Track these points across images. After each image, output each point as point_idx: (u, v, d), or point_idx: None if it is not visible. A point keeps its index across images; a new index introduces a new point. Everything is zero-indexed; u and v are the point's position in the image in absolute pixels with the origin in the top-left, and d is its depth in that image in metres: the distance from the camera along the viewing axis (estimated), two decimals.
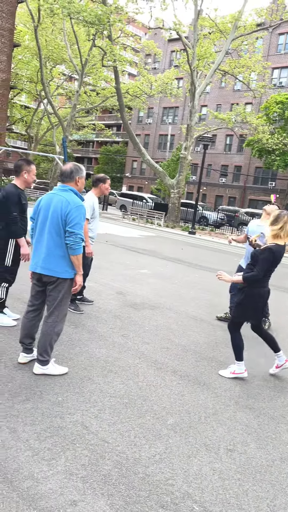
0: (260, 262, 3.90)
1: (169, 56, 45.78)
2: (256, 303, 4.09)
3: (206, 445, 2.94)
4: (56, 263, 3.45)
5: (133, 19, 22.95)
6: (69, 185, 3.56)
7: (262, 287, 4.07)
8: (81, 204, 3.47)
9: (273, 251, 3.88)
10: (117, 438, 2.85)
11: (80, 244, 3.43)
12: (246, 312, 4.14)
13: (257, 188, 39.55)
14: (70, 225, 3.38)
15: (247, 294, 4.04)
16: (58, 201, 3.44)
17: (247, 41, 24.29)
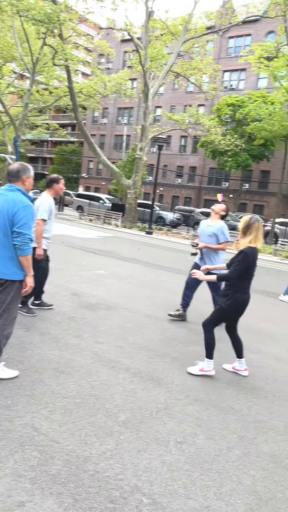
0: (235, 264, 4.07)
1: (122, 57, 45.85)
2: (238, 309, 4.21)
3: (156, 439, 3.01)
4: (4, 265, 3.39)
5: (85, 18, 22.82)
6: (16, 184, 3.50)
7: (245, 293, 4.18)
8: (29, 204, 3.43)
9: (247, 254, 4.02)
10: (68, 437, 2.85)
11: (28, 244, 3.39)
12: (227, 315, 4.27)
13: (211, 188, 40.43)
14: (18, 226, 3.34)
15: (233, 300, 4.14)
16: (4, 201, 3.38)
17: (198, 43, 24.78)
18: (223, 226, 5.75)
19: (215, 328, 4.29)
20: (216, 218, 5.85)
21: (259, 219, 4.17)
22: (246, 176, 36.93)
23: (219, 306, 4.28)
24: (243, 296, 4.16)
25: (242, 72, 37.83)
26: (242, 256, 4.03)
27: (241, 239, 4.14)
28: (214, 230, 5.70)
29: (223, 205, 5.87)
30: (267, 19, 25.54)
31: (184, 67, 24.50)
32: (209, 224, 5.85)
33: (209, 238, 5.72)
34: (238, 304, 4.17)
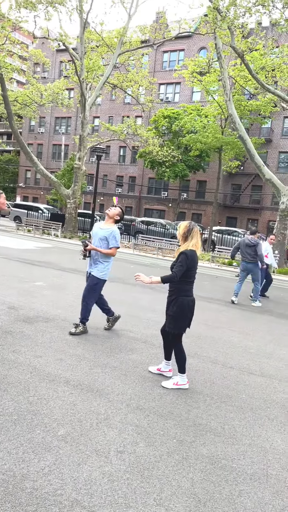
0: (177, 265, 4.15)
1: (58, 66, 45.57)
2: (184, 313, 4.24)
3: (96, 450, 2.98)
4: None
5: (19, 26, 22.41)
6: None
7: (188, 295, 4.26)
8: None
9: (186, 254, 4.14)
10: (4, 456, 2.75)
11: None
12: (180, 322, 4.27)
13: (151, 197, 41.13)
14: None
15: (177, 305, 4.20)
16: None
17: (134, 56, 25.28)
18: (115, 231, 5.60)
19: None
20: (110, 222, 5.70)
21: (196, 224, 4.36)
22: (184, 186, 38.03)
23: (169, 316, 4.30)
24: (187, 299, 4.25)
25: (177, 85, 39.08)
26: (183, 257, 4.14)
27: (182, 244, 4.28)
28: (106, 234, 5.56)
29: (118, 209, 5.72)
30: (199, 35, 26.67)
31: (121, 78, 24.85)
32: (101, 227, 5.67)
33: (100, 242, 5.57)
34: (184, 307, 4.23)
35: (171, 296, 4.30)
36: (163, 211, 40.27)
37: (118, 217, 5.68)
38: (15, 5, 18.68)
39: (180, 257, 4.17)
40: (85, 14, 20.80)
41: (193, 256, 4.19)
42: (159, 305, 8.21)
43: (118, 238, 5.59)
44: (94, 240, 5.65)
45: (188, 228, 4.25)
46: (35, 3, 18.29)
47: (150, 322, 6.83)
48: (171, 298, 4.29)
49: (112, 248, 5.57)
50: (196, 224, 4.37)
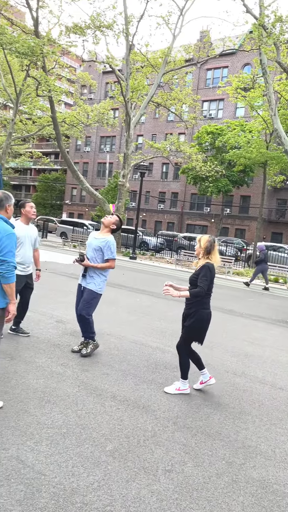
0: (201, 278, 4.20)
1: (104, 87, 47.02)
2: (203, 325, 4.33)
3: (144, 468, 2.97)
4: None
5: (67, 51, 23.44)
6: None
7: (207, 308, 4.33)
8: (12, 232, 3.45)
9: (209, 268, 4.23)
10: (54, 469, 2.80)
11: (13, 272, 3.40)
12: (195, 333, 4.36)
13: (193, 213, 41.05)
14: (2, 254, 3.35)
15: (197, 318, 4.27)
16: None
17: (178, 75, 25.64)
18: (111, 241, 5.14)
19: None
20: (105, 231, 5.25)
21: (215, 238, 4.47)
22: (227, 201, 37.69)
23: (185, 327, 4.38)
24: (206, 312, 4.32)
25: (220, 102, 39.15)
26: (206, 271, 4.22)
27: (203, 258, 4.34)
28: (101, 244, 5.10)
29: (115, 217, 5.29)
30: (243, 52, 26.71)
31: (165, 97, 25.24)
32: (96, 237, 5.23)
33: (94, 252, 5.12)
34: (202, 320, 4.31)
35: (190, 308, 4.35)
36: (206, 226, 40.02)
37: (114, 226, 5.26)
38: (65, 30, 19.58)
39: (203, 271, 4.23)
40: (131, 36, 21.42)
41: (214, 269, 4.29)
42: None
43: (113, 249, 5.14)
44: (88, 250, 5.21)
45: (210, 242, 4.34)
46: (84, 28, 19.09)
47: None
48: (191, 311, 4.34)
49: (109, 260, 5.12)
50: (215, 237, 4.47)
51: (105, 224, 5.23)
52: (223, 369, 5.41)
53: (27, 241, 5.48)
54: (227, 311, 9.67)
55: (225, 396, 4.51)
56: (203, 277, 4.19)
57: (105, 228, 5.26)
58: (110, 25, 19.49)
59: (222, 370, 5.38)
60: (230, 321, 8.62)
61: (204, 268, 4.23)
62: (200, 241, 4.40)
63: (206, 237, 4.40)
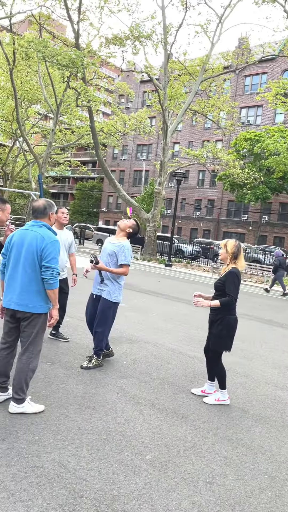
0: (229, 285, 4.14)
1: (141, 96, 47.54)
2: (232, 332, 4.27)
3: (185, 478, 2.93)
4: (30, 299, 3.46)
5: (106, 62, 23.91)
6: (42, 220, 3.63)
7: (234, 314, 4.28)
8: (56, 239, 3.54)
9: (236, 274, 4.18)
10: (95, 475, 2.81)
11: (56, 278, 3.47)
12: (226, 341, 4.29)
13: (230, 220, 40.56)
14: (47, 260, 3.43)
15: (224, 324, 4.21)
16: (33, 237, 3.48)
17: (215, 82, 25.57)
18: (126, 245, 4.78)
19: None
20: (121, 235, 4.90)
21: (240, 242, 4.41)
22: (266, 208, 37.00)
23: (214, 335, 4.29)
24: (233, 318, 4.26)
25: (259, 108, 38.65)
26: (234, 277, 4.16)
27: (231, 263, 4.27)
28: (115, 249, 4.75)
29: (131, 220, 4.93)
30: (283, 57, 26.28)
31: (202, 104, 25.20)
32: (111, 241, 4.90)
33: (108, 257, 4.79)
34: (230, 327, 4.23)
35: (217, 314, 4.27)
36: (243, 234, 39.41)
37: (130, 230, 4.87)
38: (105, 42, 20.01)
39: (230, 277, 4.16)
40: (169, 46, 21.59)
41: (240, 275, 4.24)
42: (244, 332, 7.98)
43: (128, 254, 4.75)
44: (102, 255, 4.89)
45: (237, 247, 4.27)
46: (123, 39, 19.44)
47: (234, 350, 6.62)
48: (217, 317, 4.26)
49: (123, 266, 4.75)
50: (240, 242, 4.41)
51: (121, 228, 4.86)
52: (264, 381, 5.28)
53: (61, 246, 5.58)
54: (265, 321, 9.45)
55: (266, 408, 4.40)
56: (231, 285, 4.13)
57: (121, 232, 4.88)
58: (149, 35, 19.75)
59: (262, 381, 5.25)
60: (269, 331, 8.41)
61: (231, 274, 4.16)
62: (227, 246, 4.30)
63: (233, 242, 4.31)
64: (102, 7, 20.88)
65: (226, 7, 20.94)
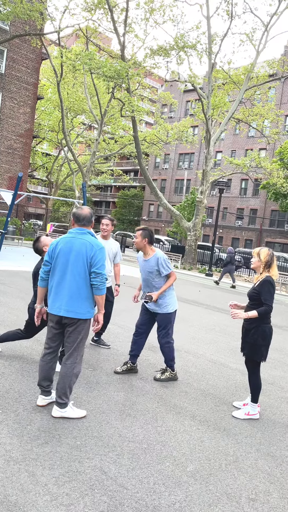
0: (265, 295, 4.05)
1: (184, 106, 47.69)
2: (266, 340, 4.15)
3: (227, 493, 2.86)
4: (79, 305, 3.52)
5: (151, 72, 24.22)
6: (87, 228, 3.70)
7: (268, 323, 4.18)
8: (102, 247, 3.60)
9: (271, 282, 4.09)
10: (136, 484, 2.80)
11: (105, 284, 3.54)
12: (261, 350, 4.16)
13: (273, 230, 39.65)
14: (97, 267, 3.49)
15: (260, 333, 4.11)
16: (81, 244, 3.54)
17: (260, 90, 25.24)
18: (160, 255, 4.70)
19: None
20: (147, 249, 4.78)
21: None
22: None
23: (250, 345, 4.16)
24: (268, 326, 4.15)
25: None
26: (269, 286, 4.07)
27: (264, 272, 4.16)
28: (152, 263, 4.69)
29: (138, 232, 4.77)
30: None
31: (246, 113, 24.93)
32: (145, 258, 4.81)
33: (148, 275, 4.77)
34: (266, 335, 4.11)
35: (252, 323, 4.13)
36: (286, 244, 38.39)
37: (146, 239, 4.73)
38: (150, 53, 20.29)
39: (266, 287, 4.06)
40: (214, 55, 21.58)
41: (274, 283, 4.14)
42: (287, 344, 7.74)
43: (167, 262, 4.72)
44: (142, 274, 4.88)
45: (270, 256, 4.17)
46: (168, 49, 19.64)
47: (278, 363, 6.45)
48: (252, 326, 4.13)
49: (169, 275, 4.73)
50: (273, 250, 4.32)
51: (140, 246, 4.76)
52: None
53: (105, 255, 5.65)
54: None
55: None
56: (267, 294, 4.04)
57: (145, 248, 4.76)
58: (194, 45, 19.83)
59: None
60: None
61: (266, 283, 4.06)
62: (260, 255, 4.20)
63: (266, 250, 4.22)
64: (148, 19, 21.22)
65: (272, 15, 20.70)
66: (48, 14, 21.51)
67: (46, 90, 32.78)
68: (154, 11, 20.78)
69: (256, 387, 4.20)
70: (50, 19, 21.59)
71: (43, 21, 20.92)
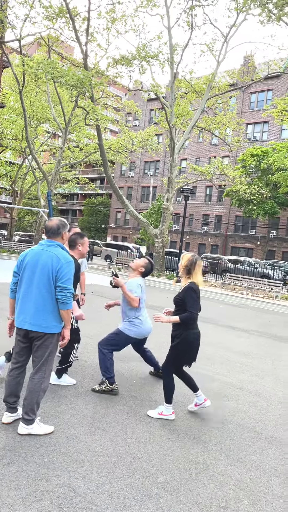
0: (189, 302, 4.07)
1: (148, 114, 48.17)
2: (189, 347, 4.17)
3: (197, 503, 2.85)
4: (44, 319, 3.44)
5: (114, 81, 24.34)
6: (56, 240, 3.62)
7: (193, 329, 4.18)
8: (71, 260, 3.52)
9: (194, 289, 4.09)
10: (106, 499, 2.75)
11: (71, 298, 3.46)
12: (181, 356, 4.21)
13: (238, 235, 40.49)
14: (62, 281, 3.41)
15: (182, 338, 4.13)
16: (48, 257, 3.47)
17: (222, 100, 25.88)
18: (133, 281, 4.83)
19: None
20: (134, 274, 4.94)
21: (199, 257, 4.27)
22: (274, 223, 36.91)
23: (172, 347, 4.21)
24: (192, 332, 4.15)
25: (265, 124, 38.91)
26: (192, 293, 4.07)
27: (185, 278, 4.20)
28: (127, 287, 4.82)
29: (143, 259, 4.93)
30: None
31: (208, 122, 25.46)
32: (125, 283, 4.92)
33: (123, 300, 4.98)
34: (188, 342, 4.13)
35: (177, 330, 4.20)
36: (251, 249, 39.28)
37: (143, 269, 4.85)
38: (112, 62, 20.40)
39: (189, 294, 4.07)
40: (176, 65, 21.94)
41: (198, 290, 4.14)
42: (255, 349, 7.88)
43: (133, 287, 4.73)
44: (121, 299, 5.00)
45: (191, 261, 4.17)
46: (130, 59, 19.82)
47: (245, 367, 6.54)
48: (177, 332, 4.18)
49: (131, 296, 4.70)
50: (199, 257, 4.26)
51: (133, 268, 4.87)
52: (276, 400, 5.18)
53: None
54: (277, 338, 9.32)
55: (279, 429, 4.30)
56: (190, 300, 4.05)
57: (134, 271, 4.89)
58: (156, 55, 20.10)
59: (274, 400, 5.15)
60: (280, 348, 8.29)
61: (189, 290, 4.08)
62: (182, 260, 4.24)
63: (188, 256, 4.22)
64: (110, 29, 21.36)
65: (231, 26, 21.30)
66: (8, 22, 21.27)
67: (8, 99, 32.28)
68: (116, 21, 20.96)
69: (169, 389, 4.18)
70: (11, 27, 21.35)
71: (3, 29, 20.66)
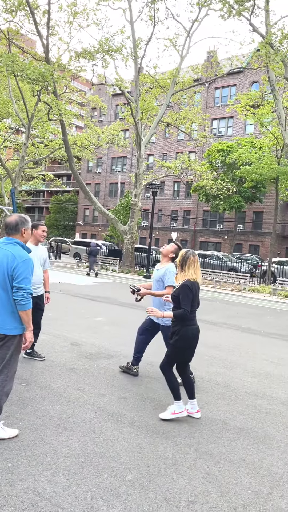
0: (183, 299, 4.03)
1: (114, 109, 47.85)
2: (189, 343, 4.14)
3: (166, 499, 2.83)
4: (4, 320, 3.31)
5: (77, 75, 23.97)
6: (14, 237, 3.47)
7: (192, 325, 4.15)
8: (28, 258, 3.38)
9: (188, 286, 4.05)
10: (73, 502, 2.68)
11: (29, 299, 3.33)
12: (180, 353, 4.17)
13: (206, 230, 40.97)
14: (18, 280, 3.28)
15: (180, 335, 4.09)
16: (3, 255, 3.33)
17: (186, 95, 25.97)
18: (170, 268, 4.95)
19: None
20: (165, 260, 5.11)
21: (194, 252, 4.23)
22: (240, 217, 37.55)
23: (171, 344, 4.19)
24: (191, 328, 4.13)
25: (229, 120, 39.44)
26: (185, 290, 4.03)
27: (180, 274, 4.20)
28: (161, 274, 5.00)
29: (172, 245, 5.10)
30: (251, 69, 26.98)
31: (174, 117, 25.51)
32: (158, 268, 5.15)
33: (156, 284, 5.07)
34: (187, 338, 4.11)
35: (175, 326, 4.17)
36: (219, 243, 39.85)
37: (173, 255, 5.02)
38: (74, 56, 20.07)
39: (183, 291, 4.05)
40: (140, 59, 21.83)
41: (194, 285, 4.10)
42: (224, 341, 7.95)
43: (172, 276, 4.85)
44: (153, 284, 5.17)
45: (183, 257, 4.16)
46: (93, 53, 19.55)
47: (214, 360, 6.59)
48: (175, 328, 4.16)
49: (167, 287, 4.85)
50: (194, 252, 4.23)
51: (163, 254, 5.09)
52: (244, 391, 5.24)
53: (36, 262, 5.41)
54: (244, 329, 9.47)
55: (247, 419, 4.34)
56: (184, 298, 4.02)
57: (164, 257, 5.10)
58: (119, 49, 19.92)
59: (242, 391, 5.21)
60: (248, 339, 8.42)
61: (184, 287, 4.05)
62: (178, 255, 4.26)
63: (182, 252, 4.22)
64: (71, 22, 21.00)
65: (193, 21, 21.37)
66: None
67: None
68: (77, 14, 20.61)
69: (173, 386, 4.17)
70: None
71: None
